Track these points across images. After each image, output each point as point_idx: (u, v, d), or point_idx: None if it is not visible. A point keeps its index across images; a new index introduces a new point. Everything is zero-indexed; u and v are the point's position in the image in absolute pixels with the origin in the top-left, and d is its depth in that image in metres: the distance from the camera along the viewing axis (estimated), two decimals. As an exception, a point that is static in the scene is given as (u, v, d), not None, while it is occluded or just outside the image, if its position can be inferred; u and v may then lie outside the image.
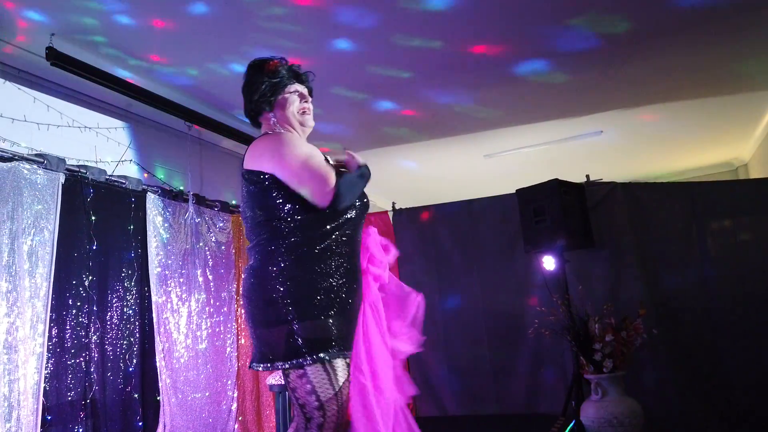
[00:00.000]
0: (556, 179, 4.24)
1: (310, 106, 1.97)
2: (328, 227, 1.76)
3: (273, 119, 1.91)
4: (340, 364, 1.69)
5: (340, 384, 1.67)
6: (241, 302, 1.87)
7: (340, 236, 1.78)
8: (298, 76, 1.96)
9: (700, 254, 4.37)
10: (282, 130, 1.89)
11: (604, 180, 4.64)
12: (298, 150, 1.77)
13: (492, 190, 5.01)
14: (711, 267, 4.33)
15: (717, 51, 3.86)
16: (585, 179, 4.60)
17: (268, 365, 1.70)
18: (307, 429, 1.66)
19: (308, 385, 1.65)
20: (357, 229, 1.88)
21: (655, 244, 4.39)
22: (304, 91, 1.97)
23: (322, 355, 1.65)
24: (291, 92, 1.92)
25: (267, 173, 1.75)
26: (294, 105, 1.92)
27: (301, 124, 1.94)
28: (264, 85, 1.89)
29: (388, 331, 1.86)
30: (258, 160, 1.77)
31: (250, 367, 1.79)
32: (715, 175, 6.80)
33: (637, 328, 3.75)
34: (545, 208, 4.21)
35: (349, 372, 1.70)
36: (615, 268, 4.37)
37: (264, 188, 1.75)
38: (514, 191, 4.49)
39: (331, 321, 1.69)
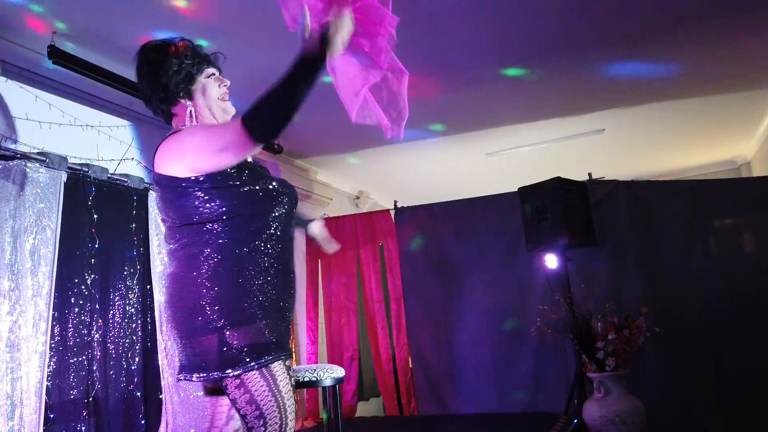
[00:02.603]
0: (559, 177, 4.24)
1: (226, 89, 1.76)
2: (254, 227, 1.60)
3: (190, 109, 1.69)
4: (278, 368, 1.56)
5: (281, 390, 1.55)
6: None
7: (269, 235, 1.62)
8: (207, 60, 1.73)
9: (703, 252, 4.37)
10: (192, 123, 1.69)
11: (607, 178, 4.64)
12: (198, 132, 1.59)
13: (494, 189, 5.00)
14: (713, 265, 4.32)
15: (719, 48, 3.85)
16: (587, 177, 4.59)
17: (203, 375, 1.55)
18: None
19: (247, 395, 1.53)
20: (287, 226, 1.70)
21: (658, 242, 4.39)
22: (218, 73, 1.76)
23: (259, 361, 1.52)
24: (208, 76, 1.71)
25: (182, 177, 1.57)
26: (214, 91, 1.72)
27: (224, 112, 1.74)
28: (176, 70, 1.66)
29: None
30: (173, 164, 1.57)
31: (178, 379, 1.63)
32: (717, 174, 6.80)
33: (640, 326, 3.75)
34: (547, 207, 4.21)
35: (290, 375, 1.58)
36: (617, 266, 4.37)
37: (181, 192, 1.58)
38: (516, 189, 4.49)
39: (264, 324, 1.56)
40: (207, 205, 1.58)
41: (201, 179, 1.57)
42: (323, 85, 1.46)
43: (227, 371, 1.52)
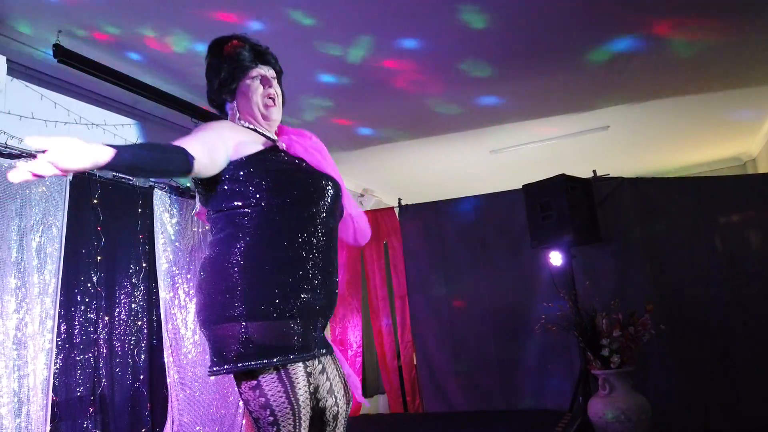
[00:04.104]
0: (563, 174, 4.23)
1: (276, 92, 1.71)
2: (291, 218, 1.55)
3: (235, 111, 1.68)
4: (298, 372, 1.49)
5: (299, 398, 1.47)
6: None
7: (306, 227, 1.56)
8: (261, 57, 1.70)
9: (708, 249, 4.35)
10: (236, 124, 1.67)
11: (611, 175, 4.62)
12: (198, 137, 1.54)
13: (498, 186, 5.00)
14: (719, 262, 4.31)
15: (725, 44, 3.83)
16: (592, 174, 4.58)
17: (215, 369, 1.48)
18: None
19: (262, 398, 1.45)
20: (328, 220, 1.63)
21: (663, 239, 4.38)
22: (270, 74, 1.71)
23: (277, 360, 1.44)
24: (253, 77, 1.67)
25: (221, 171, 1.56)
26: (257, 93, 1.67)
27: (264, 118, 1.69)
28: (224, 71, 1.66)
29: None
30: None
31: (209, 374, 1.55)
32: (723, 170, 6.77)
33: (645, 323, 3.74)
34: (552, 204, 4.20)
35: (309, 382, 1.52)
36: (622, 263, 4.36)
37: (214, 179, 1.56)
38: (521, 187, 4.48)
39: (287, 322, 1.49)
40: (239, 192, 1.55)
41: (231, 167, 1.55)
42: (326, 84, 1.46)
43: (240, 365, 1.45)
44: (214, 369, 1.49)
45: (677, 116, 5.25)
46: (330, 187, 1.66)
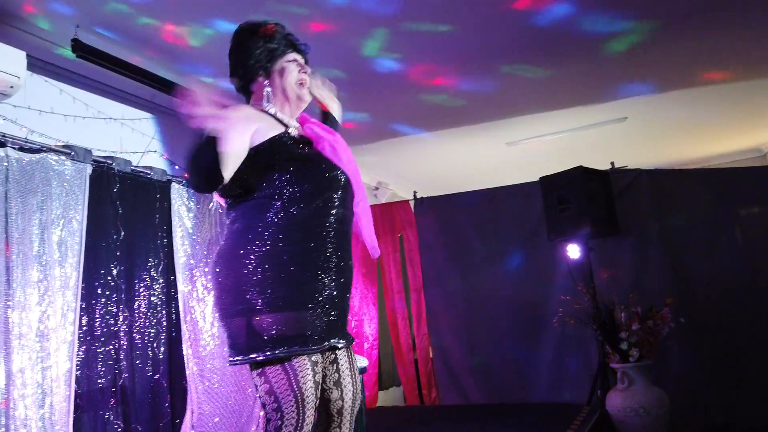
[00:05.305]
0: (581, 166, 4.20)
1: (308, 77, 1.80)
2: (305, 210, 1.57)
3: (268, 88, 1.73)
4: (302, 363, 1.51)
5: (301, 386, 1.50)
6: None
7: (319, 220, 1.59)
8: (294, 46, 1.79)
9: (728, 242, 4.30)
10: (269, 104, 1.73)
11: (629, 167, 4.57)
12: (244, 108, 1.62)
13: (514, 179, 4.97)
14: (739, 255, 4.25)
15: (745, 34, 3.77)
16: (610, 166, 4.54)
17: (230, 359, 1.55)
18: (266, 431, 1.53)
19: (266, 385, 1.51)
20: (342, 214, 1.65)
21: (682, 231, 4.33)
22: (302, 60, 1.80)
23: (280, 351, 1.48)
24: (290, 60, 1.75)
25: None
26: (293, 75, 1.75)
27: (299, 98, 1.77)
28: (260, 50, 1.72)
29: None
30: None
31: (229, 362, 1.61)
32: (743, 162, 6.67)
33: (664, 317, 3.71)
34: (569, 196, 4.17)
35: (314, 371, 1.54)
36: (641, 256, 4.32)
37: (240, 168, 1.57)
38: (538, 179, 4.45)
39: (299, 313, 1.52)
40: (257, 183, 1.59)
41: (249, 155, 1.57)
42: (341, 77, 1.46)
43: (249, 356, 1.50)
44: (230, 359, 1.56)
45: (696, 107, 5.18)
46: (342, 178, 1.68)
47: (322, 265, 1.58)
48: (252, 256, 1.54)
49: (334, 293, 1.60)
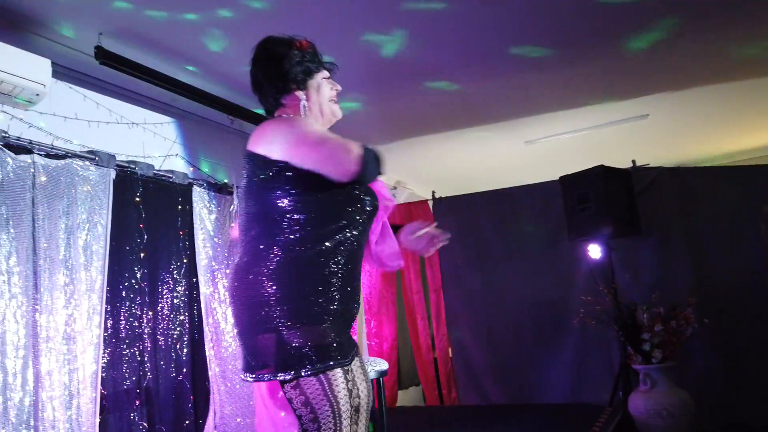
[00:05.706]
0: (601, 165, 4.16)
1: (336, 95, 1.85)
2: (329, 230, 1.61)
3: (304, 102, 1.75)
4: (337, 374, 1.56)
5: (337, 395, 1.55)
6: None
7: (343, 239, 1.63)
8: (322, 63, 1.83)
9: (753, 241, 4.23)
10: (304, 116, 1.75)
11: (651, 165, 4.52)
12: (313, 127, 1.66)
13: (534, 178, 4.93)
14: (764, 254, 4.18)
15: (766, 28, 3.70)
16: (631, 164, 4.49)
17: (255, 376, 1.57)
18: None
19: (302, 397, 1.53)
20: (363, 234, 1.72)
21: (705, 230, 4.27)
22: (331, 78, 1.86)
23: (315, 365, 1.52)
24: (325, 77, 1.81)
25: (279, 161, 1.59)
26: (327, 91, 1.81)
27: (332, 114, 1.83)
28: (297, 62, 1.74)
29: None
30: (269, 145, 1.61)
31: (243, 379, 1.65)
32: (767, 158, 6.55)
33: (688, 317, 3.67)
34: (590, 195, 4.13)
35: (347, 379, 1.58)
36: (663, 255, 4.27)
37: (269, 177, 1.60)
38: (557, 178, 4.42)
39: (325, 327, 1.56)
40: (285, 200, 1.60)
41: (288, 172, 1.59)
42: (360, 77, 1.48)
43: (279, 375, 1.52)
44: (257, 375, 1.57)
45: (720, 103, 5.09)
46: (371, 207, 1.74)
47: (342, 280, 1.63)
48: (270, 273, 1.56)
49: (354, 306, 1.70)
